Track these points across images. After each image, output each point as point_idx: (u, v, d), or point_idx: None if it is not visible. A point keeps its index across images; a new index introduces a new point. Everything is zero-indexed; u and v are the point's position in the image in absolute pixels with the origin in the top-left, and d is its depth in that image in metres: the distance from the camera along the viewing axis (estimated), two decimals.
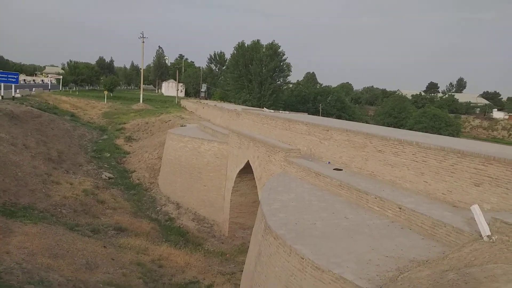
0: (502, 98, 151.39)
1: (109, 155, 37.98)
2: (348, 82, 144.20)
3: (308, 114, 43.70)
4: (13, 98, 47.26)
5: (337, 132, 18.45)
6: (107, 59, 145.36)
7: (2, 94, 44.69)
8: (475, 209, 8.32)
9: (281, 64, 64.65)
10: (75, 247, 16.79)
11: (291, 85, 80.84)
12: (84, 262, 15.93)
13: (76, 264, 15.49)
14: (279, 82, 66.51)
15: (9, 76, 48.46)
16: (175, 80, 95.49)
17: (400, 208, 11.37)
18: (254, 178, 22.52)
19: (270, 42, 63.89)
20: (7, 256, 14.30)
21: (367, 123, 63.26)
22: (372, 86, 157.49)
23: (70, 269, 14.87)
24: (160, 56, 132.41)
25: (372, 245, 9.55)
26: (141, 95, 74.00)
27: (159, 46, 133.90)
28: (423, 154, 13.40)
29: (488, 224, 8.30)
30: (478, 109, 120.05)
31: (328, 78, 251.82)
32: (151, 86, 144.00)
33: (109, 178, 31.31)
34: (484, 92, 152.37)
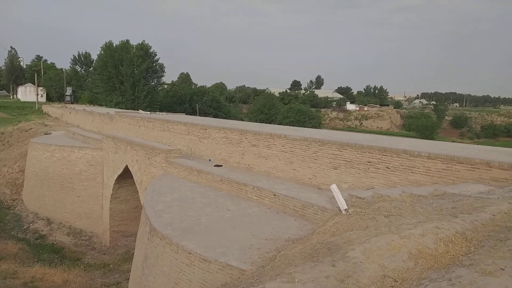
0: (353, 92, 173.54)
1: None
2: (221, 82, 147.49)
3: (186, 114, 43.81)
4: None
5: (214, 130, 19.17)
6: None
7: None
8: (334, 188, 9.77)
9: (154, 64, 63.04)
10: None
11: (166, 86, 79.46)
12: None
13: None
14: (153, 83, 64.73)
15: None
16: (34, 84, 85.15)
17: (275, 195, 12.57)
18: (134, 183, 21.88)
19: (140, 42, 61.82)
20: None
21: (241, 120, 66.15)
22: (244, 85, 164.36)
23: None
24: (13, 57, 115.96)
25: (253, 231, 10.41)
26: None
27: (11, 47, 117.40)
28: (290, 145, 14.96)
29: (345, 200, 9.83)
30: (335, 102, 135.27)
31: (203, 79, 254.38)
32: (4, 92, 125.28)
33: None
34: (338, 87, 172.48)
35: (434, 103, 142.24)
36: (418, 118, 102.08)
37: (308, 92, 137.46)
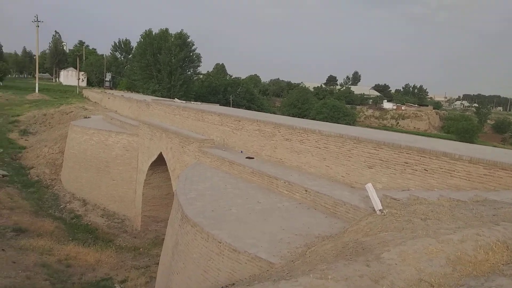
0: (391, 90, 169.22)
1: (1, 150, 34.18)
2: (256, 74, 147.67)
3: (220, 105, 44.18)
4: None
5: (248, 122, 19.21)
6: None
7: None
8: (369, 187, 9.58)
9: (191, 54, 63.86)
10: None
11: (201, 76, 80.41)
12: None
13: None
14: (189, 72, 65.65)
15: None
16: (75, 69, 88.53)
17: (306, 191, 12.48)
18: (167, 170, 22.36)
19: (179, 31, 62.71)
20: None
21: (274, 113, 66.02)
22: (278, 79, 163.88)
23: None
24: (57, 41, 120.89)
25: (283, 225, 10.41)
26: (37, 84, 67.39)
27: (55, 31, 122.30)
28: (324, 141, 14.76)
29: (380, 200, 9.64)
30: (371, 100, 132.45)
31: (237, 70, 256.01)
32: (47, 75, 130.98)
33: (3, 176, 28.29)
34: (376, 84, 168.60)
35: (476, 105, 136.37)
36: (459, 120, 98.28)
37: (343, 88, 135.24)
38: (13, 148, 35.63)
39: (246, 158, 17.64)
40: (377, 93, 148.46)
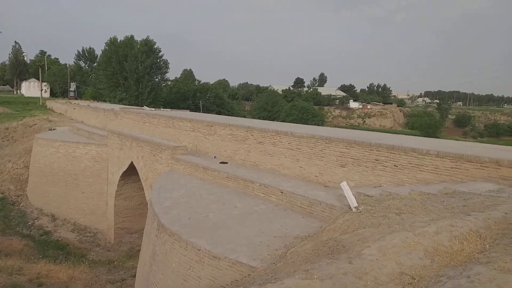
0: (356, 90, 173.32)
1: None
2: (224, 79, 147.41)
3: (190, 111, 43.80)
4: None
5: (220, 127, 19.17)
6: None
7: None
8: (344, 185, 9.76)
9: (158, 60, 63.07)
10: None
11: (169, 82, 79.51)
12: None
13: None
14: (157, 79, 64.80)
15: None
16: (38, 80, 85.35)
17: (282, 192, 12.58)
18: (139, 180, 21.93)
19: (145, 38, 61.82)
20: None
21: (244, 117, 66.17)
22: (247, 82, 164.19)
23: None
24: (17, 52, 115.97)
25: (261, 228, 10.43)
26: None
27: (15, 42, 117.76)
28: (297, 143, 14.94)
29: (354, 198, 9.82)
30: (338, 100, 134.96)
31: (206, 75, 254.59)
32: (7, 87, 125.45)
33: None
34: (341, 85, 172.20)
35: (438, 101, 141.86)
36: (421, 116, 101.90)
37: (311, 89, 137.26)
38: None
39: (220, 163, 17.58)
40: (343, 93, 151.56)
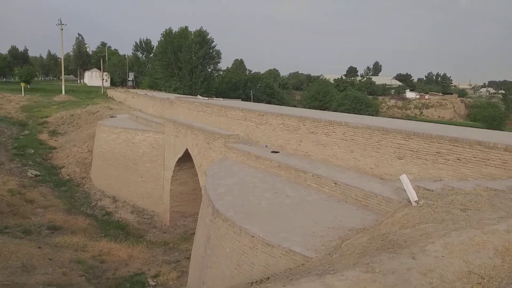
0: (413, 80, 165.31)
1: (33, 151, 35.37)
2: (275, 69, 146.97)
3: (241, 100, 44.26)
4: None
5: (272, 116, 19.18)
6: (21, 48, 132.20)
7: None
8: (404, 178, 9.42)
9: (211, 51, 64.16)
10: (7, 250, 15.76)
11: (221, 72, 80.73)
12: (20, 265, 15.06)
13: (11, 268, 14.59)
14: (209, 69, 66.05)
15: None
16: (99, 69, 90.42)
17: (336, 183, 12.40)
18: (193, 166, 22.62)
19: (199, 29, 63.05)
20: None
21: (295, 107, 65.68)
22: (297, 72, 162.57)
23: (5, 273, 13.99)
24: (80, 44, 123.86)
25: (315, 218, 10.39)
26: (63, 86, 69.16)
27: (78, 34, 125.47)
28: (351, 133, 14.59)
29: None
30: (393, 90, 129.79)
31: (256, 65, 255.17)
32: (71, 76, 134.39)
33: (36, 175, 29.29)
34: (397, 74, 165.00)
35: (503, 91, 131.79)
36: (485, 108, 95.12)
37: (364, 78, 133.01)
38: (43, 148, 36.77)
39: (272, 152, 17.64)
40: (399, 83, 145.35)
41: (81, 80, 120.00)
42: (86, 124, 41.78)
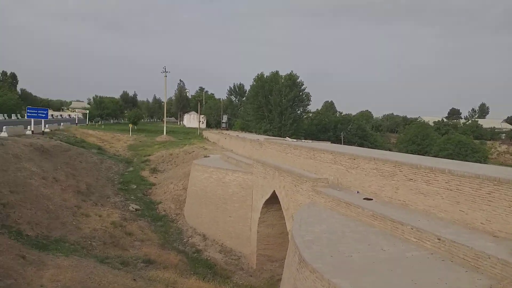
0: None
1: (135, 186, 38.53)
2: (367, 110, 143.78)
3: (330, 142, 43.61)
4: (43, 132, 49.04)
5: (364, 160, 18.30)
6: (131, 93, 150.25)
7: (32, 129, 46.34)
8: None
9: (300, 93, 65.30)
10: (106, 280, 16.82)
11: (310, 114, 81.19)
12: None
13: None
14: (299, 111, 66.97)
15: (39, 111, 50.40)
16: (197, 112, 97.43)
17: (439, 239, 11.06)
18: (280, 209, 22.36)
19: (289, 72, 64.96)
20: None
21: (390, 150, 62.48)
22: (392, 114, 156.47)
23: None
24: (181, 89, 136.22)
25: (414, 278, 9.27)
26: (165, 127, 75.53)
27: (180, 80, 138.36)
28: (457, 182, 13.11)
29: None
30: (504, 134, 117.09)
31: (347, 107, 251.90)
32: (173, 118, 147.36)
33: (136, 209, 31.62)
34: (508, 117, 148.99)
35: None
36: None
37: (469, 121, 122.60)
38: (144, 184, 39.87)
39: (364, 199, 16.65)
40: (510, 126, 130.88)
41: (181, 122, 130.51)
42: (183, 163, 44.53)
